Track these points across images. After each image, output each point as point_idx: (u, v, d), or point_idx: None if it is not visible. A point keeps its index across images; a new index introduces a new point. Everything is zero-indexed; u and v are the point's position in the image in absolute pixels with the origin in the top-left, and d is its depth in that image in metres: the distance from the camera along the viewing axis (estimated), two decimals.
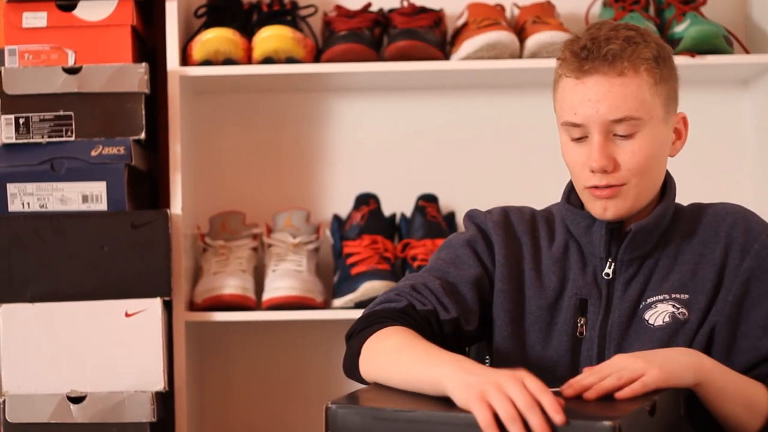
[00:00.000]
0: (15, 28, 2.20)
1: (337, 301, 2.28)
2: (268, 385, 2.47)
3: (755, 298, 1.51)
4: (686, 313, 1.50)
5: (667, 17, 2.34)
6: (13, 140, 2.14)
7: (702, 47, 2.26)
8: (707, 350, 1.49)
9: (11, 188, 2.15)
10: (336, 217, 2.40)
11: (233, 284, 2.24)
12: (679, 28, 2.30)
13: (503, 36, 2.26)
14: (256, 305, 2.29)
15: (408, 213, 2.40)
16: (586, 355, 1.53)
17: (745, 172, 2.47)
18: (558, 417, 1.17)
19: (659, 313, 1.51)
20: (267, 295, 2.26)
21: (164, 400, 2.16)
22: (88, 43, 2.20)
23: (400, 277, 2.30)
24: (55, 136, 2.14)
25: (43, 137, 2.14)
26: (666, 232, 1.56)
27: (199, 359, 2.43)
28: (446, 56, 2.34)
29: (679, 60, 2.24)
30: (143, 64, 2.16)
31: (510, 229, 1.60)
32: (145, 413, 2.08)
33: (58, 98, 2.15)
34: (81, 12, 2.21)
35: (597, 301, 1.54)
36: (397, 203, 2.43)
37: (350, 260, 2.29)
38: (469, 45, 2.28)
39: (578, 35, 1.52)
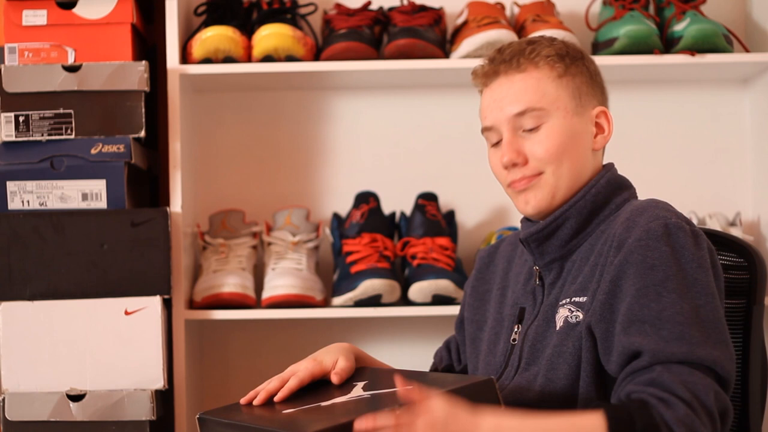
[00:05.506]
0: (15, 25, 2.20)
1: (337, 300, 2.27)
2: None
3: (623, 293, 1.42)
4: (580, 316, 1.48)
5: (666, 16, 2.34)
6: (13, 138, 2.14)
7: (702, 46, 2.26)
8: (595, 352, 1.45)
9: (11, 186, 2.15)
10: (336, 216, 2.40)
11: (233, 282, 2.24)
12: (678, 27, 2.30)
13: (503, 34, 2.26)
14: (256, 303, 2.29)
15: (408, 211, 2.40)
16: (514, 358, 1.57)
17: (744, 171, 2.47)
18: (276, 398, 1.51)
19: (560, 316, 1.51)
20: (266, 294, 2.26)
21: (164, 399, 2.16)
22: (88, 41, 2.20)
23: (400, 276, 2.32)
24: (55, 134, 2.14)
25: (42, 135, 2.14)
26: (591, 234, 1.54)
27: (199, 357, 2.43)
28: (446, 55, 2.34)
29: (679, 59, 2.27)
30: (143, 62, 2.16)
31: (490, 259, 1.74)
32: (144, 411, 2.08)
33: (58, 96, 2.15)
34: (81, 10, 2.21)
35: (531, 308, 1.59)
36: (397, 201, 2.43)
37: (350, 258, 2.29)
38: (469, 43, 2.28)
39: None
